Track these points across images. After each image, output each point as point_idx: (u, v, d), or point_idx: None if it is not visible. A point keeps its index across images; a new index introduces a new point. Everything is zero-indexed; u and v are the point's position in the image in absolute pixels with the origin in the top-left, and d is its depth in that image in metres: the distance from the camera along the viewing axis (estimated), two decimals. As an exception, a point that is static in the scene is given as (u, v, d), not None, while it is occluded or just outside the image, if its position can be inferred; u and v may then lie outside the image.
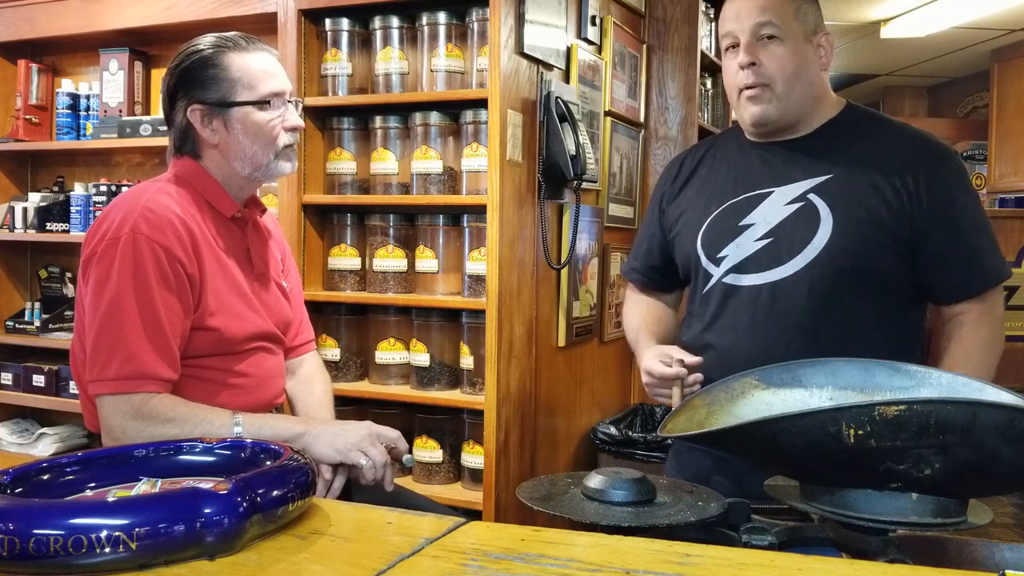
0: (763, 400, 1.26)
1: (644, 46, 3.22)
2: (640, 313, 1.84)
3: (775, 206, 1.60)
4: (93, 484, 1.13)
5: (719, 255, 1.64)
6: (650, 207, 1.88)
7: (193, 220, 1.58)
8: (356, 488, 1.56)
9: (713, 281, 1.65)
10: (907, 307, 1.62)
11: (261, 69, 1.63)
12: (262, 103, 1.62)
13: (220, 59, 1.62)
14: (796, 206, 1.58)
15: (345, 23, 2.58)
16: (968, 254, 1.56)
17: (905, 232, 1.54)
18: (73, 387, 3.02)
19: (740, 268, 1.61)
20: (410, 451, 1.66)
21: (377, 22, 2.55)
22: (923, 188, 1.54)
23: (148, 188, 1.60)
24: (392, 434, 1.57)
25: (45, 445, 3.09)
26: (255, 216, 1.75)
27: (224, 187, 1.66)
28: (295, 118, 1.67)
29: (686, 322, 1.77)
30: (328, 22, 2.60)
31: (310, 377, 1.86)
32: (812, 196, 1.58)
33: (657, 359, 1.53)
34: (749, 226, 1.61)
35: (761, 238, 1.60)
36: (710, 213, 1.68)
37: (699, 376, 1.51)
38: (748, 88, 1.60)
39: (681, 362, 1.50)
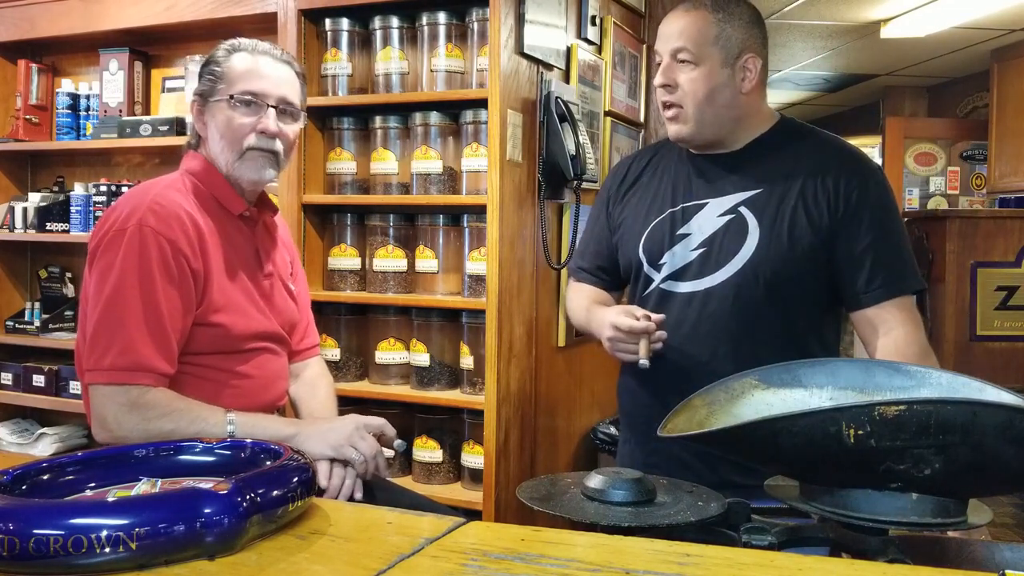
0: (763, 400, 1.26)
1: (644, 46, 3.22)
2: (589, 295, 1.87)
3: (709, 217, 1.68)
4: (93, 484, 1.13)
5: (659, 262, 1.71)
6: (596, 208, 1.92)
7: (202, 216, 1.59)
8: (378, 488, 1.58)
9: (652, 286, 1.72)
10: (830, 315, 1.70)
11: (245, 68, 1.62)
12: (234, 100, 1.61)
13: (221, 57, 1.64)
14: (728, 218, 1.66)
15: (345, 23, 2.58)
16: (879, 261, 1.60)
17: (824, 241, 1.61)
18: (73, 387, 3.02)
19: (676, 275, 1.69)
20: (408, 442, 1.68)
21: (377, 22, 2.55)
22: (841, 198, 1.61)
23: (158, 183, 1.62)
24: (377, 422, 1.60)
25: (45, 445, 3.09)
26: (265, 216, 1.74)
27: (230, 184, 1.66)
28: (268, 122, 1.61)
29: None
30: (328, 22, 2.60)
31: (314, 381, 1.86)
32: (743, 209, 1.66)
33: (623, 315, 1.57)
34: (686, 235, 1.69)
35: (696, 247, 1.67)
36: (651, 220, 1.75)
37: (663, 334, 1.57)
38: (665, 107, 1.68)
39: (648, 317, 1.55)
